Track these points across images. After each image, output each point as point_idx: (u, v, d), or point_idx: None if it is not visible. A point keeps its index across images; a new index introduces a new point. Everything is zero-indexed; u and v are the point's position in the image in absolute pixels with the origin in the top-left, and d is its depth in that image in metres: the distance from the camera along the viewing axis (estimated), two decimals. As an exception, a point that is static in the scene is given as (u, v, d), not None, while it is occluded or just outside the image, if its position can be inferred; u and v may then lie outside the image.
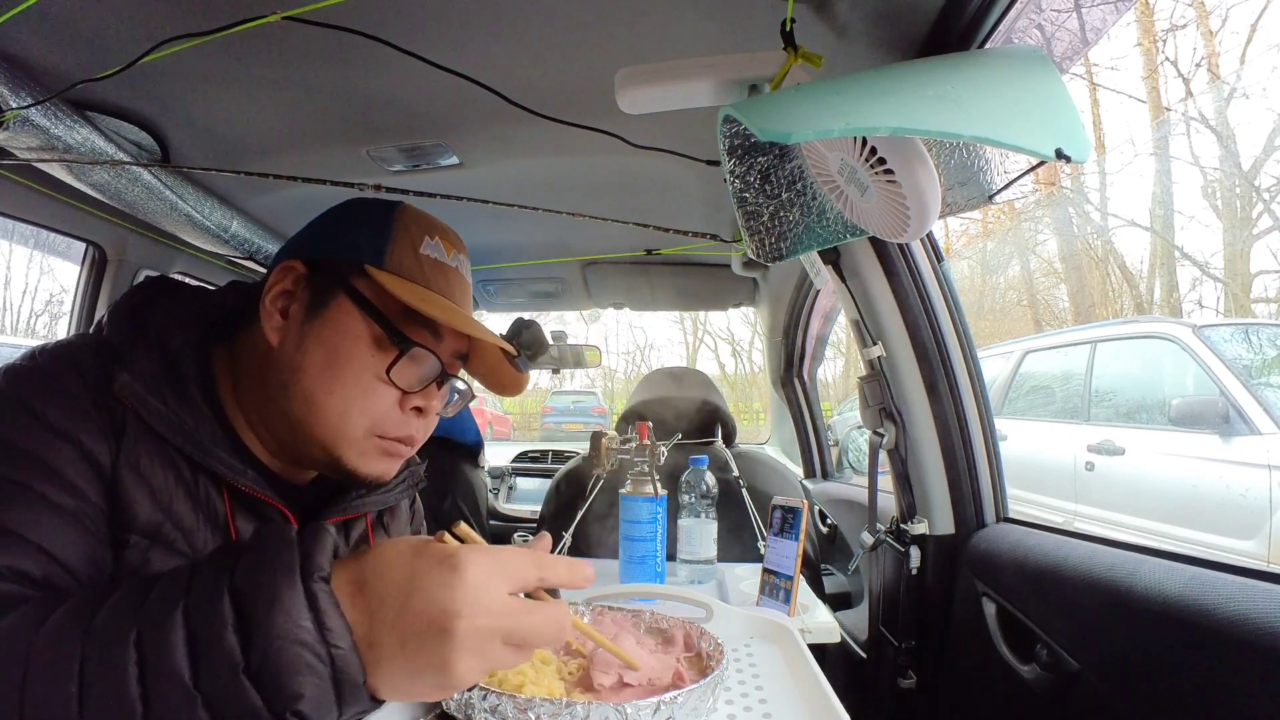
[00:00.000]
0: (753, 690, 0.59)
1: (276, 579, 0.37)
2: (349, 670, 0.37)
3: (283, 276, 0.58)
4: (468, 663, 0.38)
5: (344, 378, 0.55)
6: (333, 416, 0.55)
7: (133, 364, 0.52)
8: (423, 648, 0.37)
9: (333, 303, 0.57)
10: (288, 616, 0.36)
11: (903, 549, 1.03)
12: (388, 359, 0.56)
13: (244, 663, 0.36)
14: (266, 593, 0.37)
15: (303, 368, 0.55)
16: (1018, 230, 10.71)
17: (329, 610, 0.37)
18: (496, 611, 0.38)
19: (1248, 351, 3.27)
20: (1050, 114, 0.47)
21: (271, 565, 0.38)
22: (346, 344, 0.55)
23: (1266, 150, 7.47)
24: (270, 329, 0.57)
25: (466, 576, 0.38)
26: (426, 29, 0.76)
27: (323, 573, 0.38)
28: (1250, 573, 0.60)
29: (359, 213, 0.62)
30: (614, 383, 18.52)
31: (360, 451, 0.57)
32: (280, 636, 0.36)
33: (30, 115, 0.82)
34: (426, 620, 0.37)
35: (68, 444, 0.48)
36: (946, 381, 1.01)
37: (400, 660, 0.38)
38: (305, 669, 0.36)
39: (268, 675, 0.36)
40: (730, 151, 0.63)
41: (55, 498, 0.46)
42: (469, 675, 0.38)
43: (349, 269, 0.57)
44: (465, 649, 0.37)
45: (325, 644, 0.37)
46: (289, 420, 0.56)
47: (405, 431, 0.59)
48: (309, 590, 0.37)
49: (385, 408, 0.57)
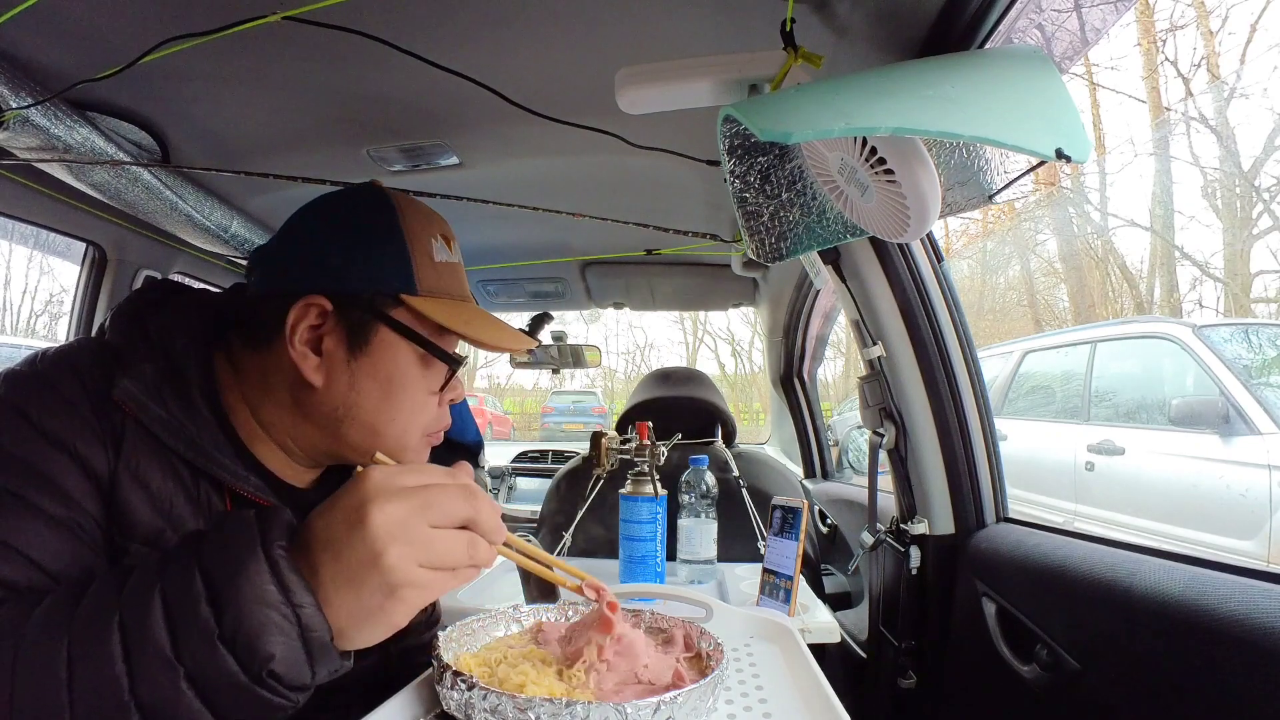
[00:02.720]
0: (753, 690, 0.59)
1: (240, 551, 0.41)
2: (314, 625, 0.41)
3: (305, 314, 0.55)
4: (397, 550, 0.40)
5: (401, 404, 0.58)
6: (393, 437, 0.59)
7: (134, 368, 0.52)
8: (350, 545, 0.41)
9: (375, 338, 0.57)
10: (251, 582, 0.39)
11: (903, 549, 1.03)
12: (435, 375, 0.60)
13: (218, 630, 0.39)
14: (232, 565, 0.40)
15: (358, 404, 0.57)
16: (1018, 230, 10.72)
17: (288, 572, 0.40)
18: (404, 493, 0.42)
19: (1248, 351, 3.27)
20: (1050, 114, 0.47)
21: (235, 542, 0.42)
22: (398, 373, 0.58)
23: (1266, 150, 7.47)
24: (309, 369, 0.55)
25: (373, 474, 0.42)
26: (426, 29, 0.76)
27: (280, 542, 0.42)
28: (1250, 573, 0.60)
29: (359, 228, 0.58)
30: (614, 383, 18.53)
31: (415, 452, 0.61)
32: (248, 600, 0.39)
33: (30, 115, 0.82)
34: (345, 519, 0.41)
35: (63, 453, 0.48)
36: (946, 381, 1.01)
37: (341, 574, 0.41)
38: (274, 629, 0.39)
39: (241, 639, 0.39)
40: (730, 151, 0.63)
41: (48, 507, 0.46)
42: (405, 566, 0.41)
43: (381, 300, 0.57)
44: (388, 534, 0.40)
45: (290, 604, 0.40)
46: (344, 444, 0.59)
47: (445, 421, 0.64)
48: (269, 556, 0.41)
49: (434, 412, 0.62)
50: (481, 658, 0.53)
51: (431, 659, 0.50)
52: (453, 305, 0.60)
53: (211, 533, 0.43)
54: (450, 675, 0.46)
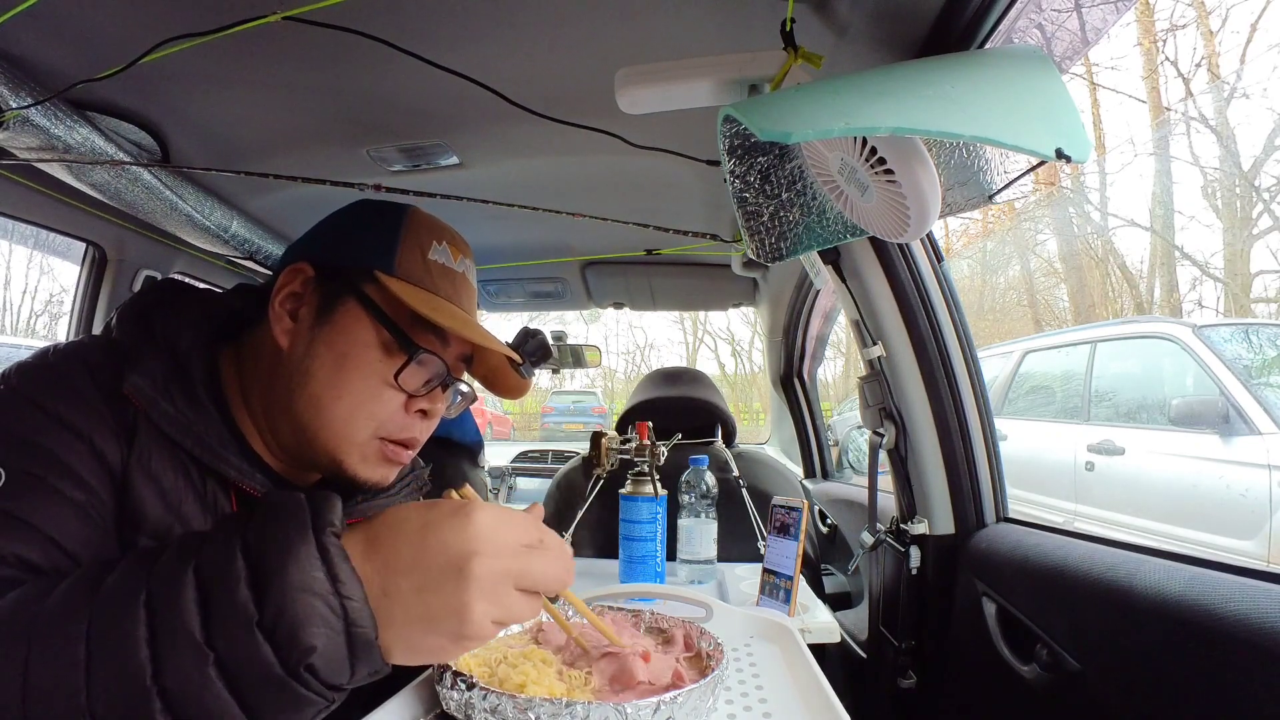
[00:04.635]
0: (753, 690, 0.59)
1: (290, 533, 0.38)
2: (361, 622, 0.38)
3: (291, 279, 0.58)
4: (483, 606, 0.39)
5: (352, 382, 0.55)
6: (339, 420, 0.56)
7: (141, 365, 0.52)
8: (440, 589, 0.39)
9: (342, 308, 0.57)
10: (300, 568, 0.37)
11: (903, 549, 1.03)
12: (396, 364, 0.56)
13: (258, 615, 0.36)
14: (280, 546, 0.37)
15: (311, 372, 0.55)
16: (1018, 230, 10.71)
17: (340, 562, 0.38)
18: (509, 553, 0.40)
19: (1248, 351, 3.27)
20: (1050, 114, 0.47)
21: (284, 521, 0.39)
22: (355, 349, 0.56)
23: (1266, 150, 7.47)
24: (280, 331, 0.57)
25: (479, 521, 0.40)
26: (426, 29, 0.76)
27: (334, 528, 0.39)
28: (1250, 573, 0.60)
29: (368, 216, 0.62)
30: (614, 383, 18.52)
31: (363, 456, 0.58)
32: (294, 587, 0.36)
33: (30, 115, 0.82)
34: (444, 560, 0.39)
35: (78, 439, 0.48)
36: (946, 381, 1.01)
37: (417, 607, 0.39)
38: (319, 620, 0.36)
39: (282, 627, 0.36)
40: (730, 151, 0.63)
41: (66, 490, 0.46)
42: (483, 622, 0.39)
43: (358, 274, 0.57)
44: (481, 590, 0.39)
45: (338, 595, 0.37)
46: (295, 423, 0.56)
47: (409, 434, 0.59)
48: (320, 543, 0.38)
49: (390, 411, 0.57)
50: (481, 658, 0.53)
51: (431, 659, 0.50)
52: (428, 295, 0.58)
53: (259, 512, 0.40)
54: (450, 675, 0.46)
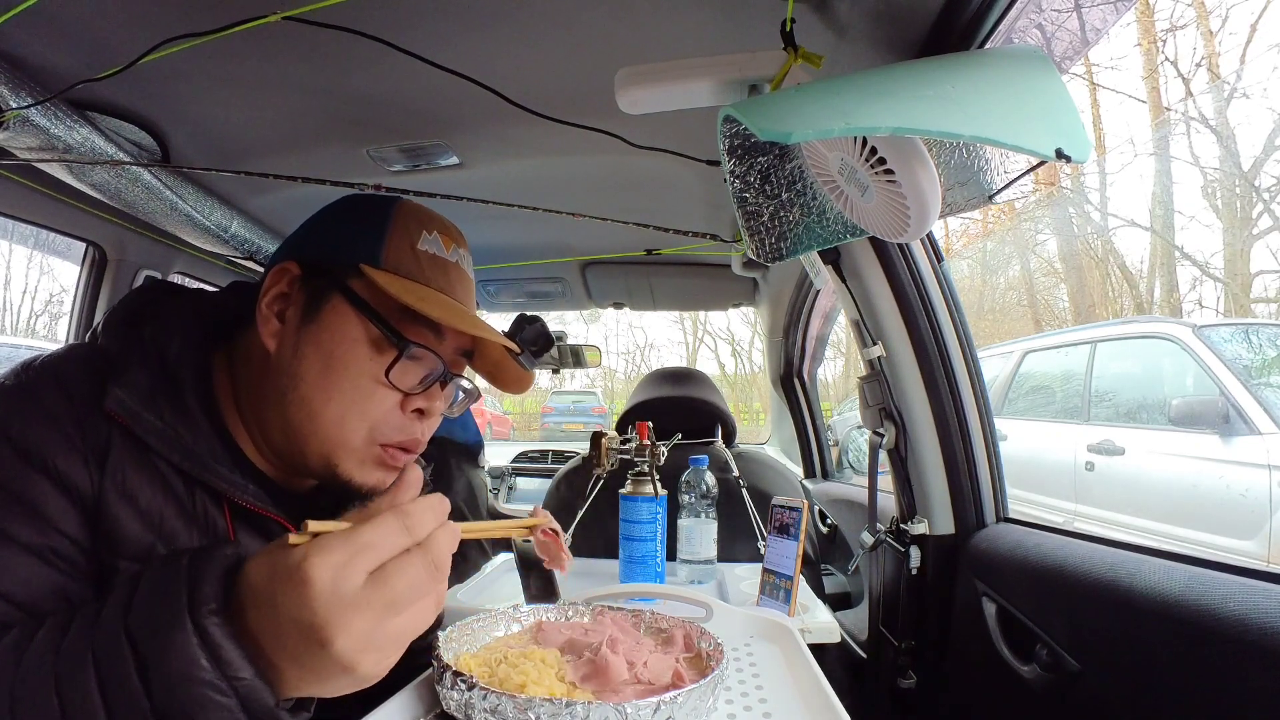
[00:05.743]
0: (753, 690, 0.59)
1: (166, 619, 0.36)
2: (257, 696, 0.37)
3: (279, 279, 0.57)
4: (366, 657, 0.37)
5: (342, 382, 0.54)
6: (331, 423, 0.54)
7: (127, 376, 0.50)
8: (316, 659, 0.36)
9: (327, 305, 0.55)
10: (182, 658, 0.35)
11: (903, 549, 1.03)
12: (386, 360, 0.54)
13: (149, 705, 0.35)
14: (159, 636, 0.36)
15: (300, 374, 0.54)
16: (1018, 230, 10.71)
17: (223, 642, 0.36)
18: (362, 603, 0.36)
19: (1248, 351, 3.27)
20: (1050, 114, 0.47)
21: (161, 604, 0.37)
22: (343, 347, 0.54)
23: (1266, 150, 7.47)
24: (267, 334, 0.55)
25: (317, 585, 0.35)
26: (426, 29, 0.76)
27: (210, 605, 0.37)
28: (1250, 573, 0.60)
29: (354, 210, 0.60)
30: (614, 383, 18.52)
31: (359, 460, 0.56)
32: (180, 678, 0.35)
33: (30, 115, 0.82)
34: (301, 636, 0.36)
35: (41, 473, 0.46)
36: (946, 381, 1.01)
37: (307, 675, 0.37)
38: (212, 705, 0.36)
39: (176, 716, 0.35)
40: (730, 151, 0.63)
41: (23, 536, 0.45)
42: (376, 665, 0.37)
43: (344, 269, 0.56)
44: (354, 650, 0.36)
45: (226, 679, 0.36)
46: (288, 428, 0.55)
47: (407, 435, 0.57)
48: (199, 626, 0.36)
49: (385, 411, 0.55)
50: (481, 658, 0.53)
51: (431, 659, 0.50)
52: (418, 286, 0.56)
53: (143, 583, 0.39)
54: (450, 675, 0.46)
